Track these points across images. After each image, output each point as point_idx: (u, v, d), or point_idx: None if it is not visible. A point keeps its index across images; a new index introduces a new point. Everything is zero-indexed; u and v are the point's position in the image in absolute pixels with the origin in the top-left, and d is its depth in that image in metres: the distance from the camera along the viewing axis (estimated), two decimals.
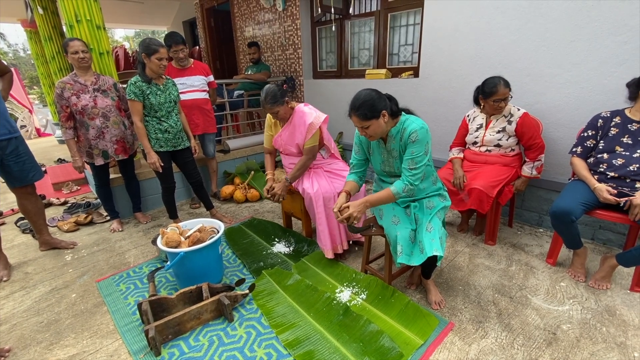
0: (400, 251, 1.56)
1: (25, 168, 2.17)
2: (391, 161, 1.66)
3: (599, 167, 1.83)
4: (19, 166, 2.14)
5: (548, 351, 1.46)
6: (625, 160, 1.74)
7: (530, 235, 2.43)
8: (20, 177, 2.17)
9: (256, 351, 1.51)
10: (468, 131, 2.34)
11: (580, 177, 1.88)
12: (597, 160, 1.84)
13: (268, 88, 2.02)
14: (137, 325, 1.70)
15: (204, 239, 1.90)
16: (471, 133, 2.31)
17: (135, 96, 2.22)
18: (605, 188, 1.73)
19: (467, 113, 2.39)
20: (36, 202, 2.34)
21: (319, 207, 2.05)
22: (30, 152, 2.25)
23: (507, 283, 1.91)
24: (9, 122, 2.09)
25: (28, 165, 2.19)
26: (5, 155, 2.08)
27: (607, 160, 1.80)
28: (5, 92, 2.29)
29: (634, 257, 1.70)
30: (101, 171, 2.63)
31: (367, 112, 1.45)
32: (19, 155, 2.14)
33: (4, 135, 2.05)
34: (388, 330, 1.57)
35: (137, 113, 2.26)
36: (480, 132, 2.26)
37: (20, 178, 2.17)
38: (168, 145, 2.42)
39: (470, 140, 2.32)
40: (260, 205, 3.23)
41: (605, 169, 1.80)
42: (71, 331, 1.70)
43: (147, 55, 2.19)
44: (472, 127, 2.31)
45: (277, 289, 1.91)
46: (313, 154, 2.15)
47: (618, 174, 1.74)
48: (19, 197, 2.26)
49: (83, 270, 2.23)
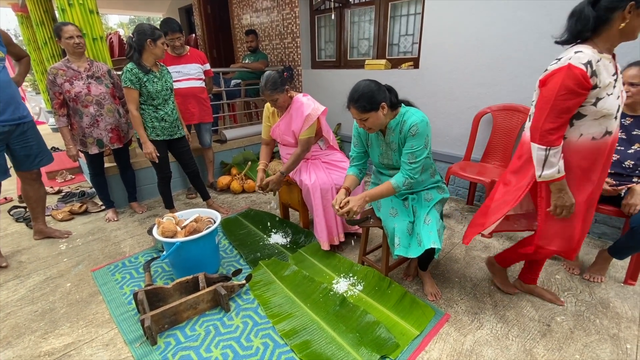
0: (398, 243, 1.55)
1: (32, 153, 2.17)
2: (390, 154, 1.64)
3: None
4: (26, 151, 2.14)
5: (542, 342, 1.48)
6: (620, 156, 1.73)
7: None
8: (24, 161, 2.17)
9: (253, 341, 1.51)
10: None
11: None
12: None
13: (268, 74, 1.98)
14: (133, 314, 1.69)
15: (200, 229, 1.89)
16: (601, 97, 1.16)
17: (131, 84, 2.17)
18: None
19: (569, 56, 1.16)
20: (39, 189, 2.33)
21: (316, 199, 2.04)
22: (41, 137, 2.24)
23: None
24: (19, 107, 2.07)
25: (35, 151, 2.19)
26: (12, 138, 2.08)
27: None
28: (22, 76, 2.29)
29: (623, 246, 1.70)
30: (96, 160, 2.60)
31: (366, 104, 1.42)
32: (27, 140, 2.13)
33: (14, 121, 2.04)
34: (384, 321, 1.57)
35: (132, 101, 2.21)
36: (618, 90, 1.20)
37: (25, 162, 2.17)
38: (164, 134, 2.39)
39: (608, 108, 1.17)
40: (257, 196, 3.21)
41: None
42: (66, 320, 1.69)
43: (153, 41, 2.14)
44: (601, 81, 1.14)
45: (274, 279, 1.91)
46: (308, 145, 2.13)
47: (614, 171, 1.74)
48: (23, 181, 2.26)
49: (78, 259, 2.21)
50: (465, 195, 2.91)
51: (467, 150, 2.66)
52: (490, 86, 2.55)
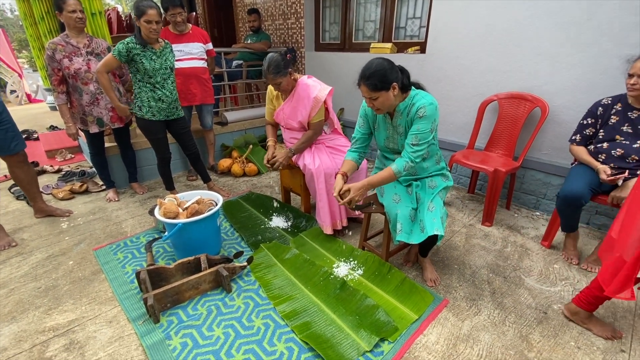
0: (400, 229, 1.56)
1: (8, 137, 2.07)
2: (396, 137, 1.63)
3: (597, 157, 1.81)
4: (2, 134, 2.04)
5: (538, 329, 1.50)
6: (625, 150, 1.71)
7: (527, 218, 2.45)
8: (2, 145, 2.07)
9: (254, 321, 1.54)
10: None
11: (583, 162, 1.86)
12: (597, 149, 1.81)
13: (271, 57, 1.93)
14: (136, 293, 1.72)
15: (202, 210, 1.89)
16: None
17: (118, 54, 2.09)
18: (603, 169, 1.71)
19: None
20: (28, 170, 2.28)
21: (320, 184, 2.03)
22: (13, 120, 2.13)
23: (502, 263, 1.95)
24: None
25: (10, 134, 2.08)
26: None
27: (607, 150, 1.77)
28: None
29: None
30: (96, 139, 2.57)
31: (378, 82, 1.39)
32: (2, 122, 2.03)
33: None
34: (384, 305, 1.60)
35: (106, 65, 2.12)
36: None
37: (2, 147, 2.07)
38: (161, 115, 2.34)
39: None
40: (258, 179, 3.21)
41: (604, 160, 1.78)
42: (69, 297, 1.71)
43: (137, 18, 2.08)
44: None
45: (275, 262, 1.92)
46: (320, 127, 2.11)
47: (617, 165, 1.73)
48: (10, 165, 2.19)
49: (79, 238, 2.22)
50: (467, 184, 2.91)
51: (471, 138, 2.64)
52: (498, 73, 2.51)
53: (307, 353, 1.38)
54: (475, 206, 2.62)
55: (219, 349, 1.40)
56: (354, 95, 3.57)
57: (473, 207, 2.61)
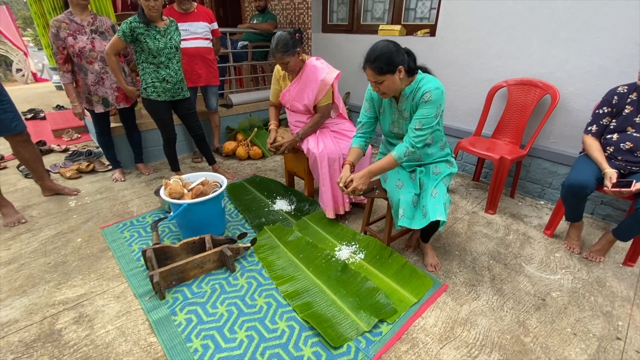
0: (402, 214, 1.57)
1: (8, 117, 2.06)
2: (401, 122, 1.61)
3: (606, 150, 1.77)
4: (1, 114, 2.03)
5: (536, 315, 1.53)
6: (635, 144, 1.66)
7: (531, 207, 2.44)
8: (3, 125, 2.06)
9: (257, 300, 1.58)
10: None
11: (591, 158, 1.79)
12: (606, 141, 1.77)
13: (279, 35, 1.90)
14: (142, 270, 1.76)
15: (206, 192, 1.91)
16: None
17: (122, 35, 2.08)
18: (610, 175, 1.64)
19: None
20: (32, 149, 2.28)
21: (324, 168, 2.03)
22: (12, 100, 2.11)
23: (503, 251, 1.96)
24: None
25: (10, 114, 2.07)
26: None
27: (615, 142, 1.72)
28: None
29: (627, 228, 1.70)
30: (102, 119, 2.58)
31: (383, 65, 1.37)
32: (1, 102, 2.02)
33: None
34: (384, 288, 1.63)
35: (113, 47, 2.13)
36: None
37: (4, 127, 2.07)
38: (166, 95, 2.33)
39: None
40: (262, 163, 3.21)
41: (612, 152, 1.74)
42: (78, 273, 1.76)
43: None
44: None
45: (278, 244, 1.95)
46: (328, 111, 2.09)
47: (625, 158, 1.69)
48: (14, 145, 2.20)
49: (87, 216, 2.27)
50: (472, 172, 2.89)
51: (479, 125, 2.60)
52: (509, 59, 2.44)
53: (307, 332, 1.42)
54: (480, 194, 2.61)
55: (222, 325, 1.44)
56: (361, 79, 3.51)
57: (477, 194, 2.61)
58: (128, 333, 1.42)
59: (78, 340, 1.39)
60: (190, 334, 1.40)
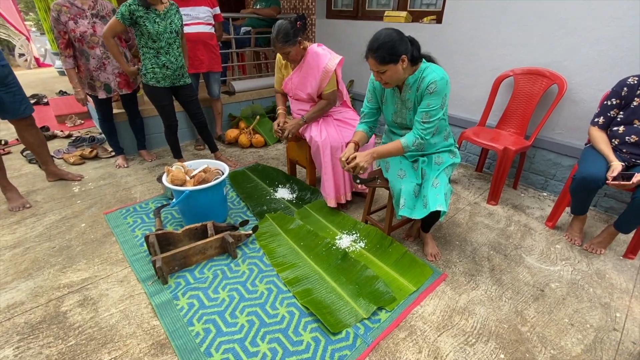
0: (403, 204, 1.57)
1: (16, 100, 2.07)
2: (404, 112, 1.59)
3: (611, 142, 1.74)
4: (10, 97, 2.03)
5: (534, 305, 1.54)
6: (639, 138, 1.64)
7: (533, 198, 2.43)
8: (12, 109, 2.06)
9: (258, 286, 1.60)
10: None
11: (598, 150, 1.77)
12: (612, 133, 1.74)
13: (280, 24, 1.86)
14: (145, 256, 1.79)
15: (209, 179, 1.92)
16: None
17: (121, 18, 2.04)
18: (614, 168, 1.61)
19: None
20: (37, 133, 2.30)
21: (326, 157, 2.03)
22: (20, 84, 2.11)
23: (504, 242, 1.96)
24: None
25: (19, 97, 2.08)
26: None
27: (621, 135, 1.69)
28: None
29: (627, 219, 1.69)
30: (104, 105, 2.57)
31: (386, 54, 1.35)
32: (9, 85, 2.01)
33: None
34: (383, 276, 1.64)
35: (111, 30, 2.09)
36: None
37: (12, 110, 2.07)
38: (166, 82, 2.31)
39: None
40: (264, 151, 3.21)
41: (617, 145, 1.71)
42: (82, 257, 1.79)
43: None
44: None
45: (280, 232, 1.97)
46: (334, 97, 2.07)
47: (629, 151, 1.67)
48: (19, 129, 2.21)
49: (91, 202, 2.29)
50: (475, 162, 2.87)
51: (483, 115, 2.57)
52: (516, 47, 2.39)
53: (307, 317, 1.44)
54: (482, 185, 2.60)
55: (223, 310, 1.47)
56: (365, 67, 3.46)
57: (480, 185, 2.59)
58: (131, 316, 1.45)
59: (83, 323, 1.42)
60: (192, 318, 1.43)
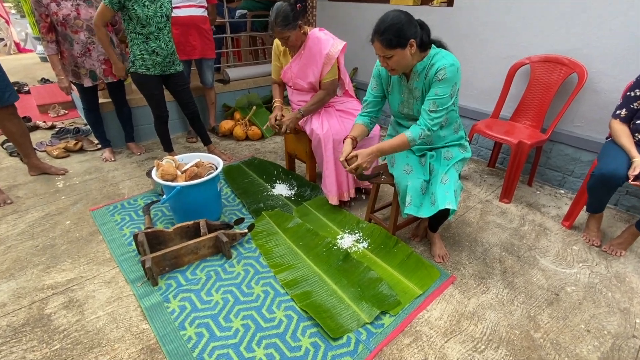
0: (409, 202, 1.57)
1: (1, 87, 2.09)
2: (411, 102, 1.59)
3: (634, 136, 1.72)
4: None
5: (548, 310, 1.55)
6: None
7: (549, 196, 2.43)
8: None
9: (253, 288, 1.61)
10: None
11: (619, 145, 1.75)
12: (635, 126, 1.73)
13: (279, 7, 1.85)
14: (134, 255, 1.80)
15: (201, 174, 1.92)
16: None
17: (110, 3, 2.04)
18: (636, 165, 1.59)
19: None
20: (19, 123, 2.31)
21: (328, 150, 2.02)
22: (3, 69, 2.14)
23: (517, 242, 1.97)
24: None
25: (2, 84, 2.10)
26: None
27: None
28: None
29: None
30: (89, 94, 2.57)
31: (393, 38, 1.34)
32: None
33: None
34: (387, 279, 1.65)
35: (101, 17, 2.10)
36: None
37: None
38: (156, 69, 2.31)
39: None
40: (261, 144, 3.21)
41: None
42: (67, 256, 1.80)
43: None
44: None
45: (277, 230, 1.98)
46: (334, 87, 2.06)
47: None
48: (1, 118, 2.21)
49: (76, 198, 2.30)
50: (487, 157, 2.87)
51: (497, 106, 2.56)
52: (534, 33, 2.37)
53: (306, 322, 1.45)
54: (495, 181, 2.60)
55: (217, 314, 1.48)
56: (370, 54, 3.43)
57: (492, 182, 2.59)
58: (120, 319, 1.47)
59: (68, 326, 1.43)
60: (184, 321, 1.44)
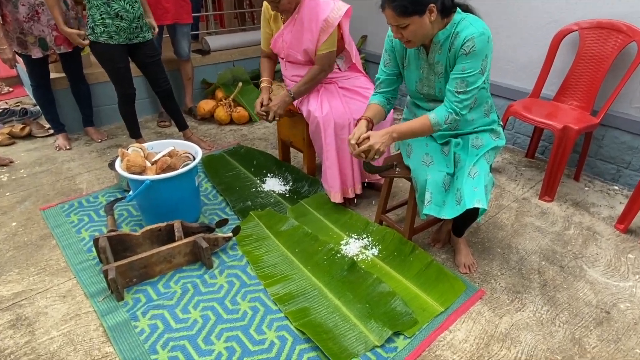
0: (429, 200, 1.57)
1: None
2: (432, 79, 1.58)
3: None
4: None
5: (596, 331, 1.56)
6: None
7: (601, 193, 2.44)
8: None
9: (239, 304, 1.63)
10: None
11: None
12: None
13: None
14: (94, 264, 1.81)
15: (175, 165, 1.93)
16: None
17: None
18: None
19: None
20: None
21: (329, 137, 2.03)
22: None
23: (560, 249, 1.98)
24: None
25: None
26: None
27: None
28: None
29: None
30: (38, 67, 2.57)
31: (408, 3, 1.33)
32: None
33: None
34: (402, 293, 1.66)
35: None
36: None
37: None
38: (121, 37, 2.31)
39: None
40: (249, 129, 3.21)
41: None
42: (14, 265, 1.82)
43: None
44: None
45: (268, 234, 1.99)
46: (330, 62, 2.05)
47: None
48: None
49: (23, 194, 2.31)
50: (525, 145, 2.87)
51: (537, 83, 2.56)
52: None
53: (303, 344, 1.47)
54: (534, 175, 2.61)
55: (195, 335, 1.49)
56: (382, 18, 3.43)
57: (530, 175, 2.60)
58: (78, 341, 1.48)
59: (16, 349, 1.45)
60: (156, 343, 1.46)
